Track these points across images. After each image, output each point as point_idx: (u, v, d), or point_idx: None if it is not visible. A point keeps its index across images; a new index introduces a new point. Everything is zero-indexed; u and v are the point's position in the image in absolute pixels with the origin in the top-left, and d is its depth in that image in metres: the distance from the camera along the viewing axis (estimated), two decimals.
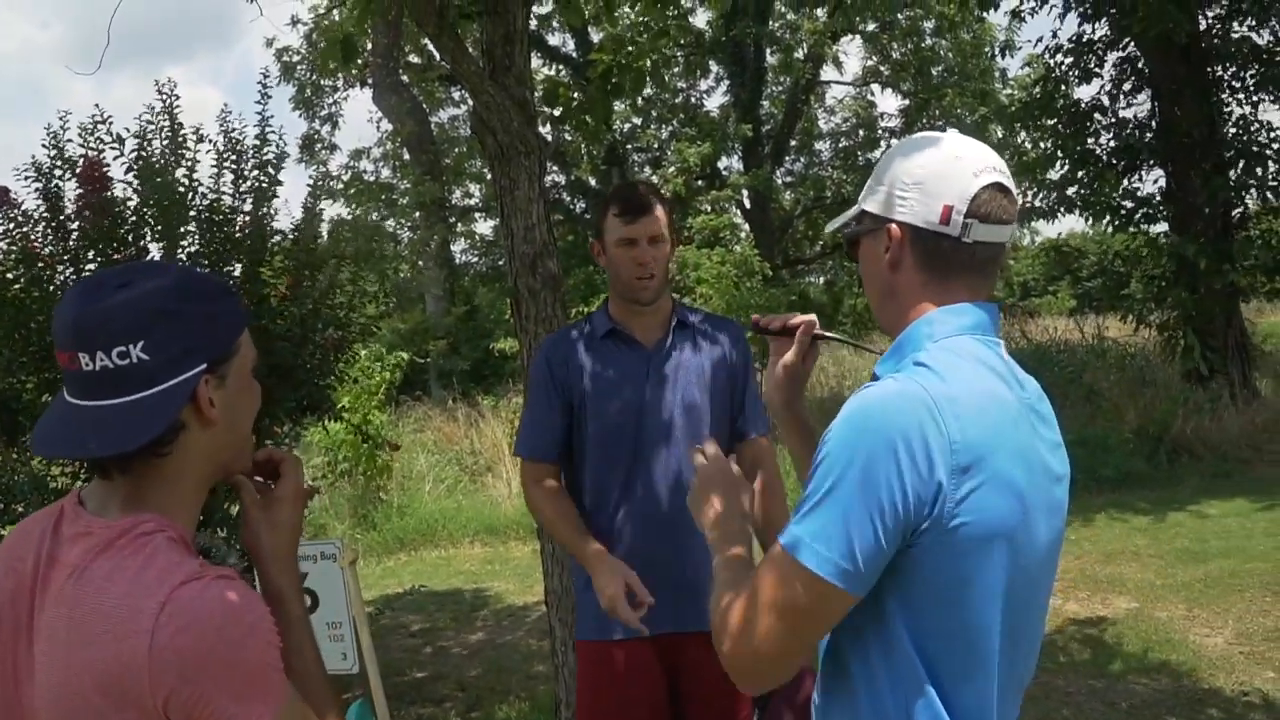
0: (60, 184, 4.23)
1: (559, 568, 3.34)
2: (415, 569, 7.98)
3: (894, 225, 1.32)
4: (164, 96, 4.38)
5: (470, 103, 3.47)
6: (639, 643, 2.22)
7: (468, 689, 4.96)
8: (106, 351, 1.06)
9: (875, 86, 21.95)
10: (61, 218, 4.24)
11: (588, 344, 2.40)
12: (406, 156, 20.99)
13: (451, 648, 5.79)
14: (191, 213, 4.37)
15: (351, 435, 8.99)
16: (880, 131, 22.20)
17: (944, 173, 1.30)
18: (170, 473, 1.13)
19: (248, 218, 4.54)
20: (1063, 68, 11.67)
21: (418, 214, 19.51)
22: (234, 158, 4.48)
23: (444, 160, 20.46)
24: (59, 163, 4.22)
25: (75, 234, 4.28)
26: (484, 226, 22.78)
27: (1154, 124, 11.23)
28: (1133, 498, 8.19)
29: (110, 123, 4.26)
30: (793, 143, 22.91)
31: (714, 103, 21.64)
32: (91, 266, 4.26)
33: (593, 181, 22.09)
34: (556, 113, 3.93)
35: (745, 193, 20.37)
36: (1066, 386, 10.62)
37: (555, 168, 22.12)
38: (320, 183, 4.88)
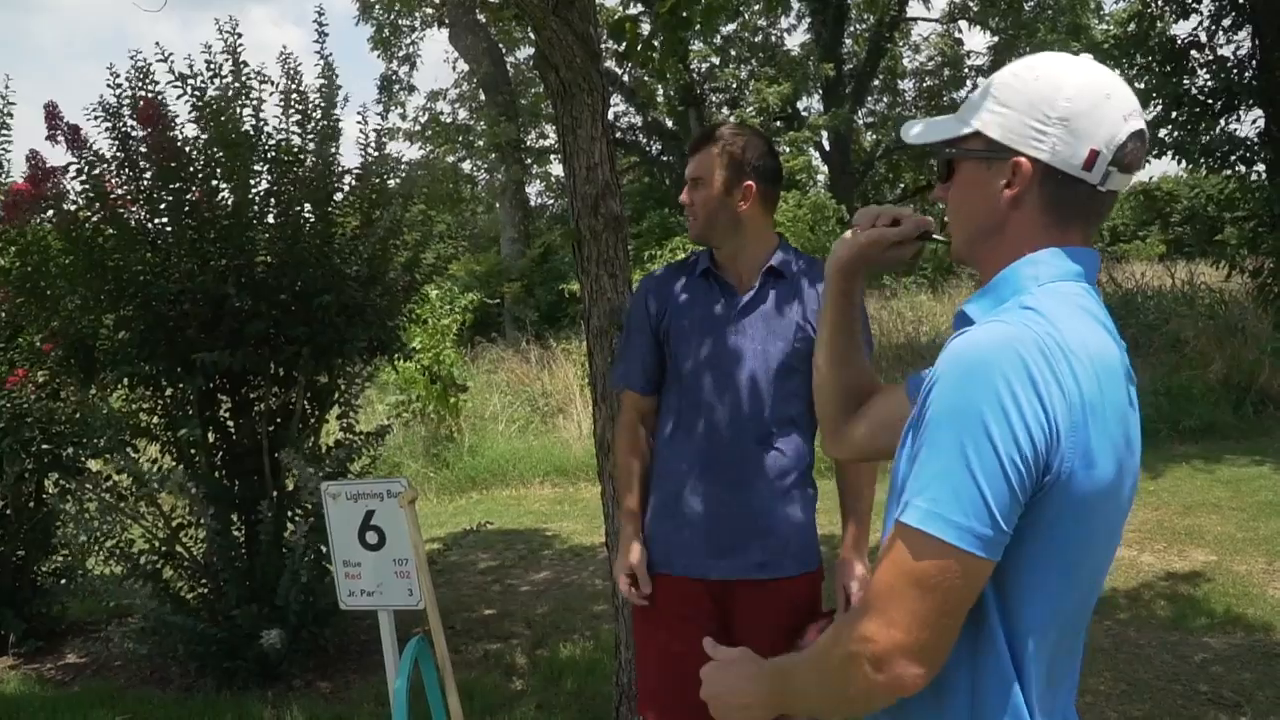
0: (130, 124, 4.27)
1: (619, 509, 3.31)
2: (486, 508, 8.08)
3: (1024, 159, 1.17)
4: (224, 36, 4.39)
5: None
6: (693, 581, 2.27)
7: (533, 626, 5.02)
8: None
9: (962, 23, 21.13)
10: (132, 157, 4.29)
11: (687, 280, 2.40)
12: (483, 97, 20.96)
13: (519, 586, 5.87)
14: (258, 152, 4.39)
15: (423, 376, 9.12)
16: (967, 70, 21.42)
17: (1094, 112, 1.15)
18: None
19: (315, 158, 4.54)
20: (1159, 2, 11.04)
21: (493, 155, 19.52)
22: (298, 98, 4.47)
23: (520, 101, 20.37)
24: (127, 102, 4.26)
25: (148, 174, 4.33)
26: (559, 168, 22.71)
27: (1254, 62, 10.58)
28: (1216, 449, 7.90)
29: (172, 62, 4.28)
30: (875, 82, 22.27)
31: (794, 41, 21.07)
32: (164, 206, 4.32)
33: (669, 123, 21.80)
34: (622, 48, 3.81)
35: (825, 134, 19.89)
36: (1151, 334, 10.25)
37: (631, 109, 21.90)
38: (383, 123, 4.84)
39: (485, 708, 3.84)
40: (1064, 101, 1.15)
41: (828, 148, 20.66)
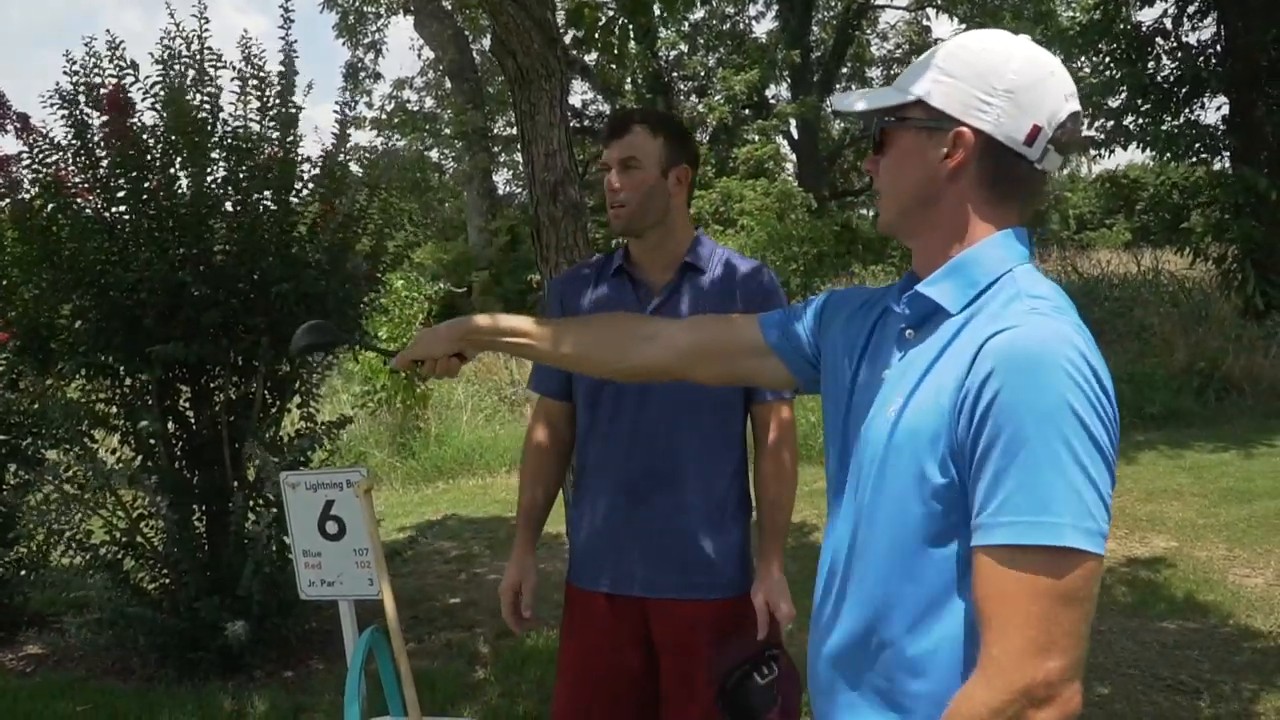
0: (87, 112, 4.21)
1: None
2: (453, 496, 8.08)
3: (966, 129, 1.16)
4: (178, 22, 4.34)
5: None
6: (614, 598, 2.15)
7: (497, 616, 4.99)
8: None
9: (930, 10, 21.25)
10: (89, 145, 4.23)
11: (598, 279, 2.24)
12: (449, 85, 20.82)
13: (486, 575, 5.87)
14: (215, 140, 4.34)
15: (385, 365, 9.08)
16: None
17: (1038, 87, 1.15)
18: None
19: (275, 146, 4.50)
20: None
21: (460, 144, 19.40)
22: (256, 84, 4.43)
23: (486, 89, 20.25)
24: (83, 90, 4.20)
25: (104, 162, 4.27)
26: None
27: (1219, 48, 10.73)
28: (1179, 436, 8.02)
29: (123, 48, 4.22)
30: (843, 70, 22.35)
31: (763, 29, 21.08)
32: (121, 194, 4.27)
33: None
34: (581, 34, 3.81)
35: (793, 122, 19.93)
36: (1115, 321, 10.38)
37: (599, 97, 21.83)
38: (349, 111, 4.80)
39: (447, 697, 3.85)
40: (1011, 74, 1.16)
41: (796, 136, 20.72)
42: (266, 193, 4.51)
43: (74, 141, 4.26)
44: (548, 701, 3.79)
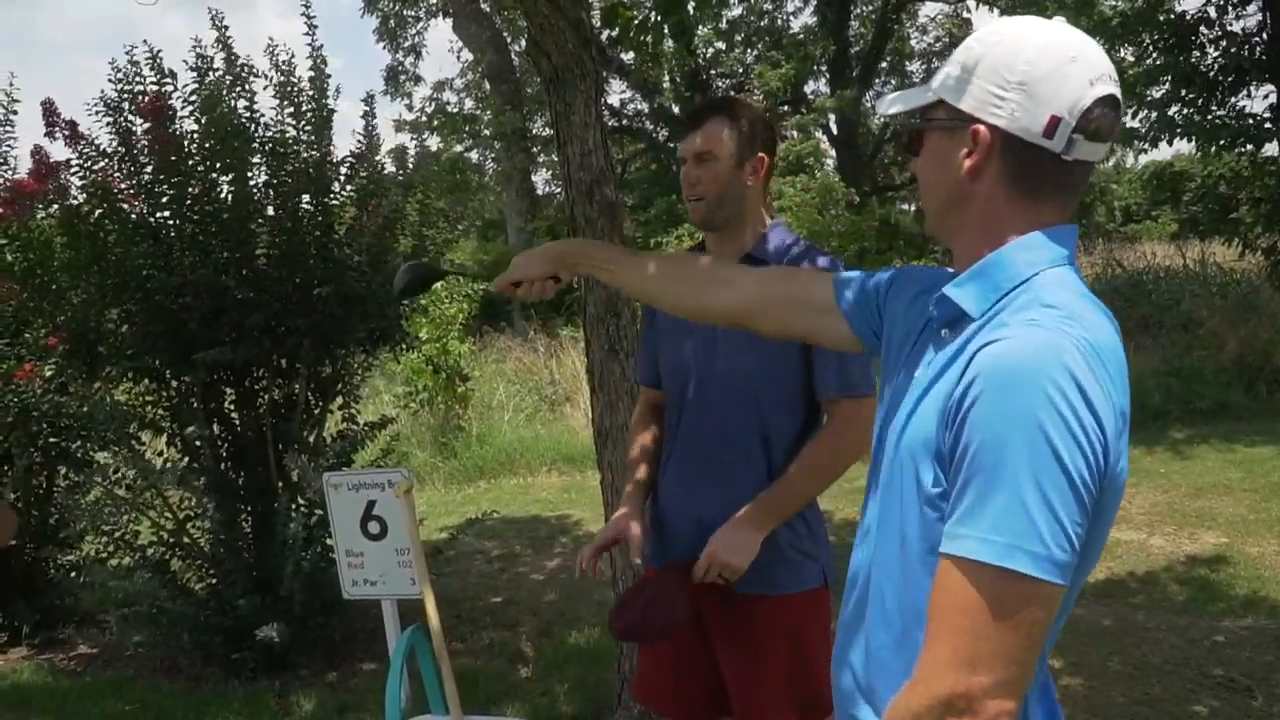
0: (130, 119, 4.27)
1: (618, 498, 3.31)
2: (494, 496, 8.12)
3: (982, 127, 1.12)
4: (217, 28, 4.38)
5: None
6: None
7: (539, 614, 5.03)
8: None
9: (970, 2, 20.97)
10: (134, 152, 4.29)
11: None
12: (488, 87, 20.94)
13: (528, 574, 5.88)
14: (254, 145, 4.39)
15: (426, 366, 9.14)
16: None
17: (1054, 75, 1.09)
18: None
19: (312, 149, 4.54)
20: None
21: (499, 144, 19.49)
22: (290, 89, 4.47)
23: (525, 89, 20.33)
24: (127, 98, 4.27)
25: (148, 169, 4.33)
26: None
27: (1264, 37, 10.46)
28: (1228, 430, 7.84)
29: (161, 58, 4.28)
30: (882, 64, 22.11)
31: (801, 23, 20.91)
32: (165, 200, 4.33)
33: (676, 109, 21.70)
34: (614, 33, 3.79)
35: (831, 117, 19.76)
36: (1162, 315, 10.17)
37: (637, 95, 21.82)
38: (370, 110, 4.83)
39: (489, 695, 3.86)
40: (1022, 65, 1.11)
41: (835, 131, 20.54)
42: (305, 196, 4.55)
43: (119, 148, 4.33)
44: (590, 700, 3.79)
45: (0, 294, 4.68)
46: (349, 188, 4.66)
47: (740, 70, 21.59)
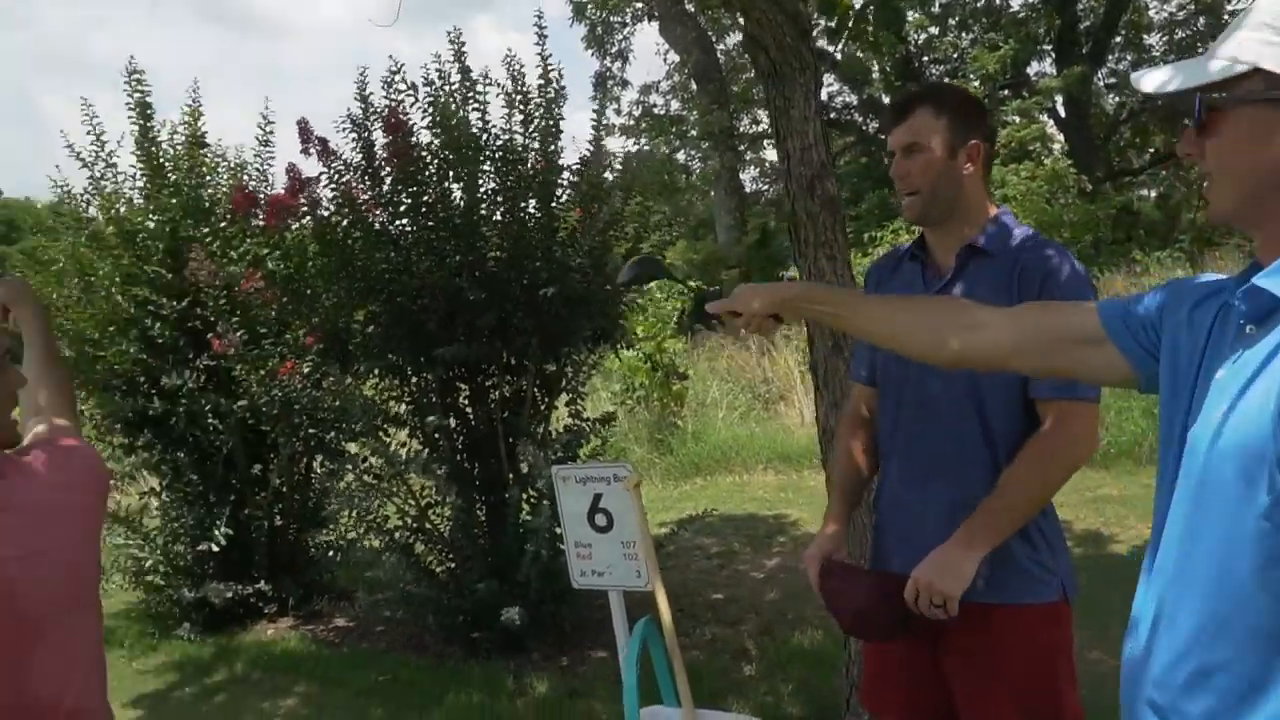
0: (371, 134, 4.59)
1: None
2: (710, 494, 8.17)
3: None
4: (453, 45, 4.63)
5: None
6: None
7: (761, 613, 5.02)
8: None
9: None
10: (375, 165, 4.61)
11: (897, 265, 2.18)
12: (694, 87, 21.12)
13: (748, 571, 5.88)
14: (486, 154, 4.61)
15: (644, 364, 9.32)
16: (1227, 17, 19.38)
17: None
18: None
19: (538, 155, 4.72)
20: None
21: (706, 144, 19.64)
22: (520, 99, 4.67)
23: (731, 88, 20.37)
24: (369, 114, 4.58)
25: (388, 180, 4.65)
26: (773, 153, 22.53)
27: None
28: None
29: (404, 72, 4.58)
30: (1116, 39, 20.60)
31: (1022, 0, 19.76)
32: (403, 208, 4.63)
33: (886, 99, 21.08)
34: (833, 24, 3.72)
35: (1058, 99, 18.60)
36: None
37: (845, 88, 21.39)
38: (599, 119, 4.98)
39: (713, 691, 3.88)
40: None
41: (1063, 113, 19.32)
42: (531, 201, 4.74)
43: (362, 162, 4.67)
44: (815, 703, 3.75)
45: (265, 298, 5.14)
46: (571, 192, 4.81)
47: (955, 55, 20.71)
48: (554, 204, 4.73)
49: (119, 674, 5.47)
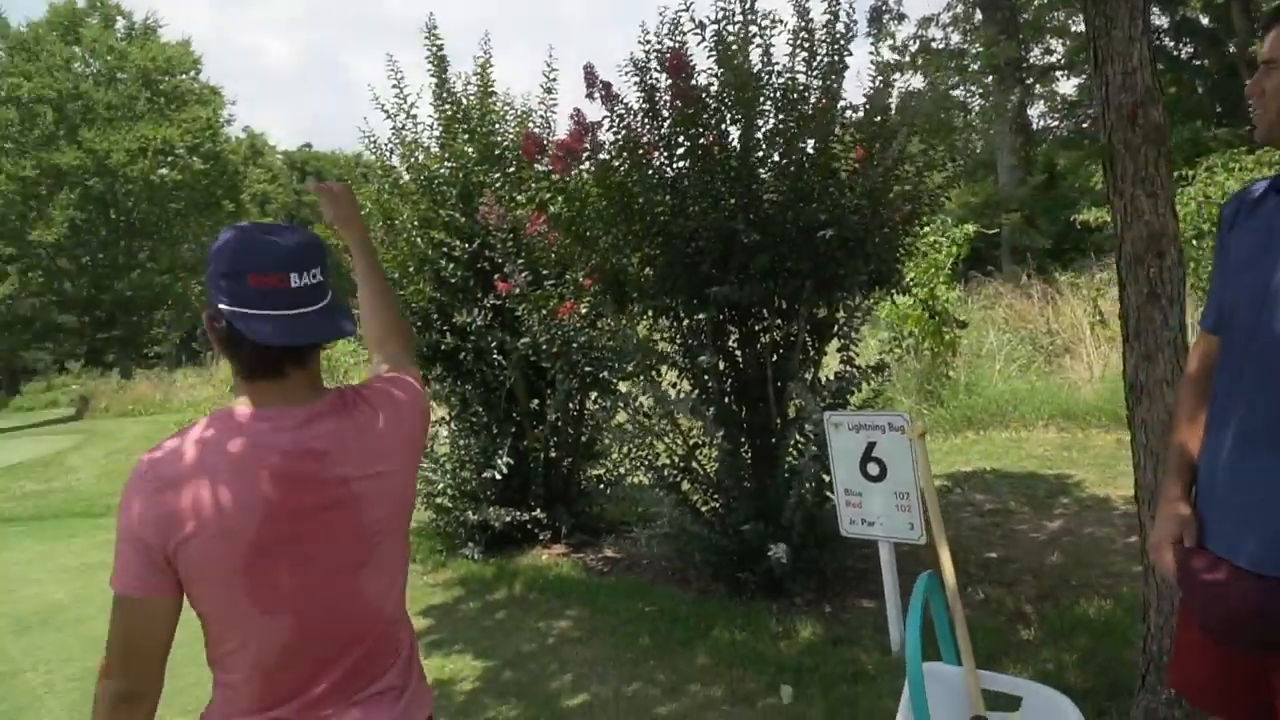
0: (655, 77, 4.62)
1: (1152, 460, 2.96)
2: (983, 449, 7.79)
3: None
4: None
5: None
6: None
7: (1040, 577, 4.73)
8: (313, 269, 1.43)
9: None
10: (656, 107, 4.65)
11: (1255, 203, 1.90)
12: (979, 17, 19.80)
13: (1026, 532, 5.56)
14: (766, 93, 4.53)
15: (917, 310, 8.95)
16: None
17: None
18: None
19: (819, 94, 4.58)
20: None
21: (990, 78, 18.40)
22: (806, 36, 4.53)
23: (1021, 16, 18.90)
24: (653, 57, 4.61)
25: (666, 121, 4.67)
26: (1066, 85, 20.80)
27: None
28: None
29: (691, 10, 4.55)
30: None
31: None
32: (681, 151, 4.64)
33: (1204, 20, 18.86)
34: None
35: None
36: None
37: (1155, 8, 19.26)
38: (876, 54, 4.74)
39: (989, 653, 3.70)
40: None
41: None
42: (809, 141, 4.62)
43: (644, 105, 4.72)
44: (1103, 675, 3.50)
45: (548, 240, 5.37)
46: (852, 132, 4.64)
47: None
48: (833, 143, 4.58)
49: (411, 585, 5.99)
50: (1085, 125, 19.68)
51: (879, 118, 4.68)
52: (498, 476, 6.15)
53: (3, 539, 9.61)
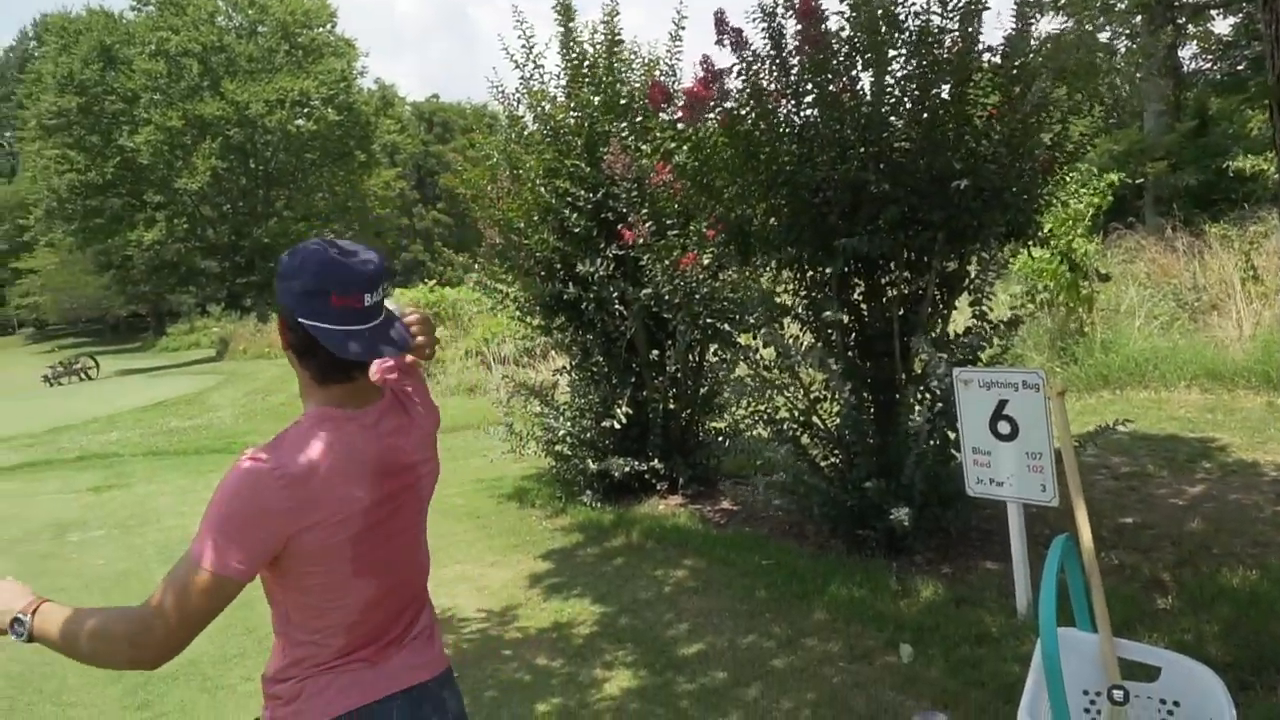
0: (783, 22, 4.50)
1: None
2: (1119, 409, 7.45)
3: None
4: None
5: None
6: None
7: (1180, 544, 4.53)
8: (379, 289, 1.58)
9: None
10: (784, 54, 4.53)
11: None
12: None
13: (1165, 497, 5.32)
14: (901, 36, 4.36)
15: (1054, 263, 8.58)
16: None
17: None
18: None
19: (956, 35, 4.39)
20: None
21: (1138, 19, 17.29)
22: None
23: None
24: (782, 2, 4.49)
25: (794, 69, 4.55)
26: (1222, 25, 19.38)
27: None
28: None
29: None
30: None
31: None
32: (809, 99, 4.53)
33: None
34: None
35: None
36: None
37: None
38: None
39: (1124, 620, 3.58)
40: None
41: None
42: (944, 87, 4.44)
43: (771, 52, 4.61)
44: (1247, 648, 3.35)
45: (673, 190, 5.34)
46: (991, 76, 4.44)
47: None
48: (970, 89, 4.39)
49: (531, 529, 6.19)
50: (1241, 68, 18.36)
51: (1019, 60, 4.45)
52: (617, 426, 6.22)
53: (152, 472, 10.29)
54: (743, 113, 4.59)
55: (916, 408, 4.63)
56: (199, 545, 1.49)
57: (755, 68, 4.58)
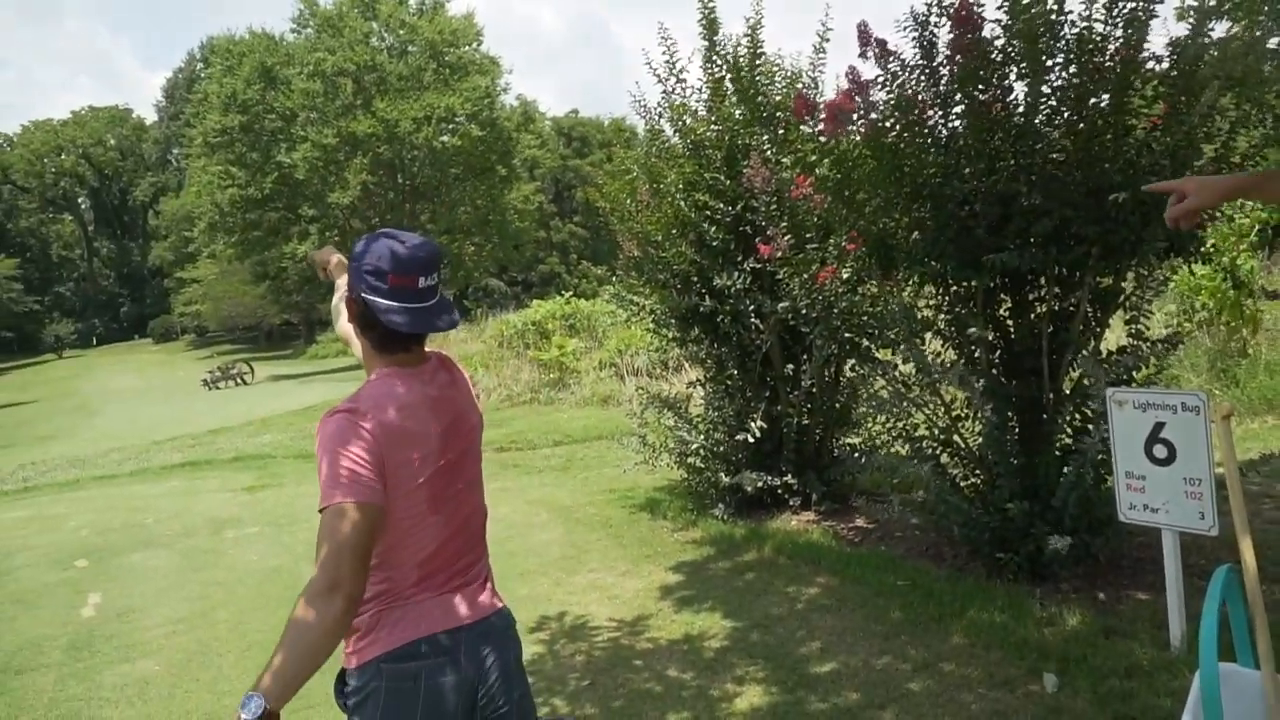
0: (935, 30, 4.43)
1: None
2: None
3: None
4: None
5: None
6: None
7: None
8: (434, 274, 1.86)
9: None
10: (934, 64, 4.46)
11: None
12: None
13: None
14: (1060, 44, 4.23)
15: (1215, 280, 8.13)
16: None
17: None
18: None
19: (1119, 44, 4.23)
20: None
21: None
22: None
23: None
24: (935, 9, 4.41)
25: (944, 79, 4.47)
26: None
27: None
28: None
29: None
30: None
31: None
32: (958, 110, 4.44)
33: None
34: None
35: None
36: None
37: None
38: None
39: None
40: None
41: None
42: (1104, 96, 4.28)
43: (921, 61, 4.53)
44: None
45: (813, 203, 5.32)
46: (1155, 85, 4.25)
47: None
48: (1132, 98, 4.22)
49: (663, 540, 6.23)
50: None
51: (1186, 68, 4.25)
52: (750, 440, 6.21)
53: (301, 473, 10.84)
54: (887, 124, 4.54)
55: (1066, 428, 4.47)
56: (327, 492, 1.69)
57: (901, 78, 4.52)
